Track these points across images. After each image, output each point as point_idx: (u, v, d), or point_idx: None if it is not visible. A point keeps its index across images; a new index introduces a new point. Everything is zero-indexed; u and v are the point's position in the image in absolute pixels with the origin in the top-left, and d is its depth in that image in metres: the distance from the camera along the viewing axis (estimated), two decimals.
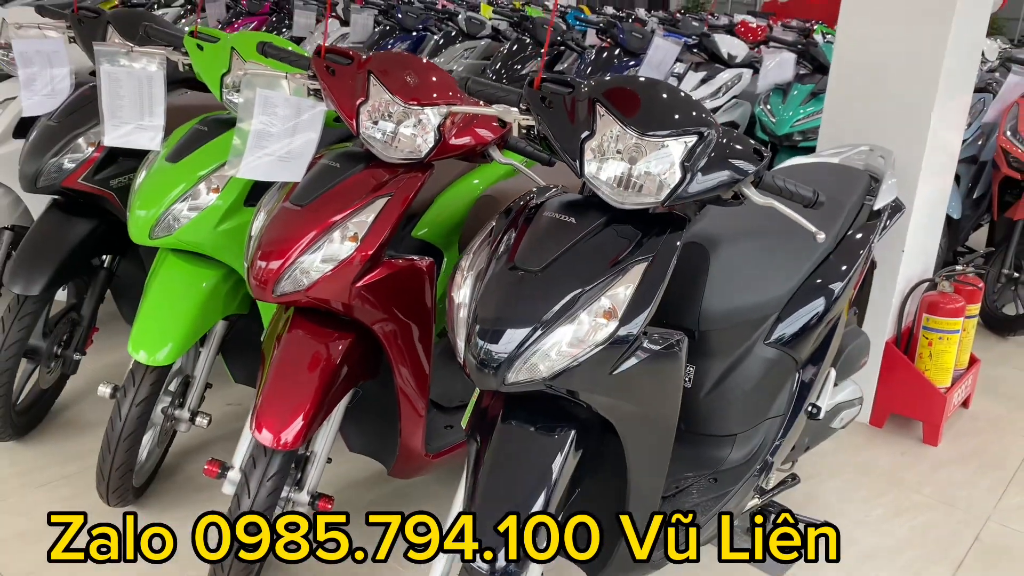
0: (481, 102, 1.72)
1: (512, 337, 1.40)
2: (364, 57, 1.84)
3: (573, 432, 1.47)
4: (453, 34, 5.69)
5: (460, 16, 5.76)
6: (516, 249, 1.47)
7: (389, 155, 1.80)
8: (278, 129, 1.89)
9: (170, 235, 2.05)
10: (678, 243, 1.45)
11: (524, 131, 1.60)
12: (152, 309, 2.04)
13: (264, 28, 6.70)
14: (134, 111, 2.19)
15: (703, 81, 4.47)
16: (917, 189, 2.64)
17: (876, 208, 2.18)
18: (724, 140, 1.48)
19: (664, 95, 1.48)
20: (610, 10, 11.40)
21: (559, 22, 7.05)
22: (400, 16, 5.90)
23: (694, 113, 1.45)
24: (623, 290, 1.39)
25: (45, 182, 2.34)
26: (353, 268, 1.72)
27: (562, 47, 5.26)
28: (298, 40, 6.39)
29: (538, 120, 1.52)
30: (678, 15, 9.81)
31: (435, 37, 5.74)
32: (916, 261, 2.83)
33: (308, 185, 1.81)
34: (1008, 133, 3.70)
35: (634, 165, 1.44)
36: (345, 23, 6.34)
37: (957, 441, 2.81)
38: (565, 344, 1.39)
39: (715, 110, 4.40)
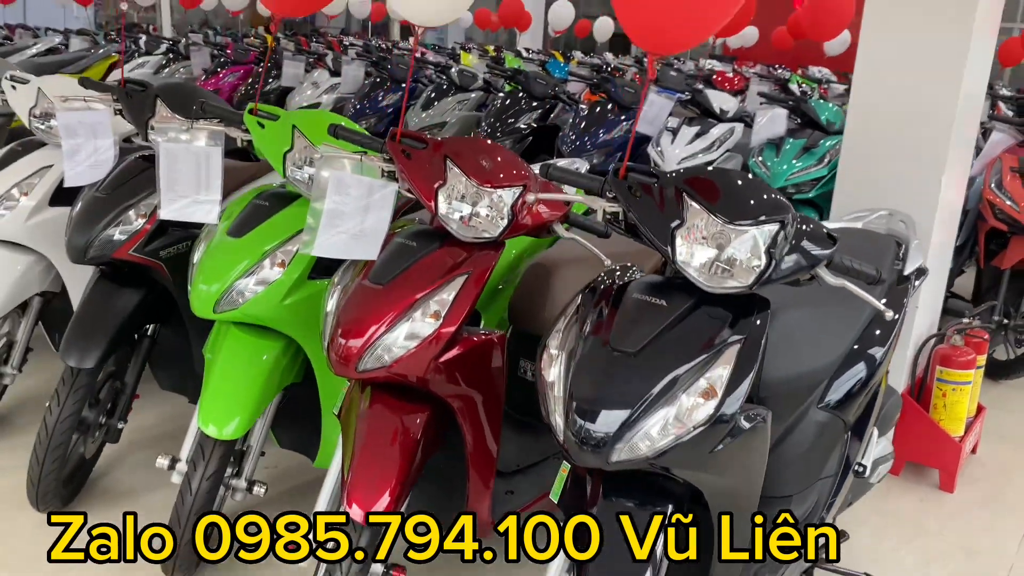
0: (555, 185, 1.81)
1: (613, 417, 1.47)
2: (438, 140, 1.93)
3: (670, 507, 1.55)
4: (445, 87, 5.80)
5: (452, 69, 5.88)
6: (609, 330, 1.56)
7: (464, 234, 1.87)
8: (351, 208, 1.96)
9: (235, 309, 2.09)
10: (766, 322, 1.55)
11: (609, 217, 1.69)
12: (219, 383, 2.07)
13: (250, 78, 6.75)
14: (191, 186, 2.24)
15: (697, 135, 4.62)
16: (929, 247, 2.79)
17: (906, 273, 2.31)
18: (800, 226, 1.58)
19: (742, 183, 1.59)
20: (578, 53, 11.67)
21: (550, 74, 7.20)
22: (391, 68, 6.00)
23: (774, 201, 1.56)
24: (720, 371, 1.48)
25: (95, 253, 2.36)
26: (436, 345, 1.78)
27: (555, 100, 5.39)
28: (287, 90, 6.46)
29: (627, 209, 1.61)
30: (645, 61, 10.10)
31: (427, 89, 5.85)
32: (926, 315, 2.98)
33: (386, 264, 1.88)
34: (993, 186, 3.90)
35: (722, 251, 1.53)
36: (335, 74, 6.42)
37: (971, 487, 2.94)
38: (666, 425, 1.47)
39: (709, 163, 4.55)
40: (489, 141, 1.97)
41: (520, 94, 5.41)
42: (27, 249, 2.73)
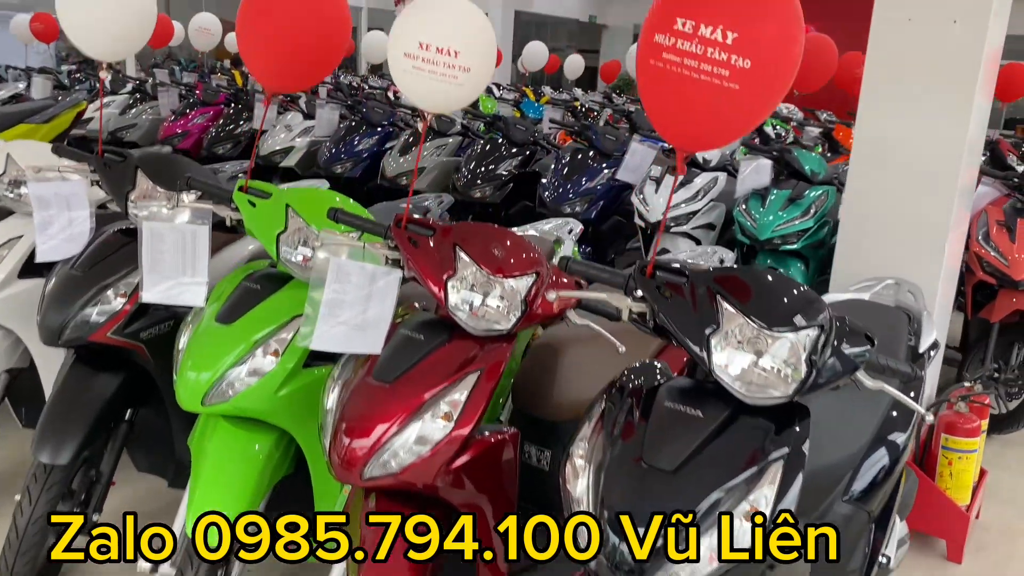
0: (577, 280, 1.72)
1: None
2: (445, 226, 1.83)
3: None
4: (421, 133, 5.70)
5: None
6: (641, 442, 1.46)
7: (475, 327, 1.77)
8: (352, 297, 1.84)
9: (226, 402, 1.96)
10: (808, 432, 1.46)
11: (635, 317, 1.60)
12: (209, 482, 1.93)
13: (220, 119, 6.61)
14: (176, 266, 2.11)
15: (681, 185, 4.57)
16: (933, 313, 2.74)
17: (920, 351, 2.25)
18: (837, 326, 1.50)
19: (775, 281, 1.51)
20: (547, 88, 11.68)
21: (530, 118, 7.12)
22: (366, 111, 5.90)
23: (809, 300, 1.48)
24: (766, 491, 1.39)
25: (71, 335, 2.22)
26: (449, 449, 1.67)
27: (535, 146, 5.33)
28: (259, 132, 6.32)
29: (655, 311, 1.52)
30: (613, 96, 10.10)
31: (404, 135, 5.75)
32: (927, 378, 2.92)
33: (391, 359, 1.76)
34: (980, 239, 3.89)
35: (760, 358, 1.45)
36: (308, 116, 6.30)
37: (978, 556, 2.87)
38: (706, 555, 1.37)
39: (694, 213, 4.50)
40: (497, 226, 1.87)
41: (500, 140, 5.35)
42: None
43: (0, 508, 2.17)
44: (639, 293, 1.56)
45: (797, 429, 1.46)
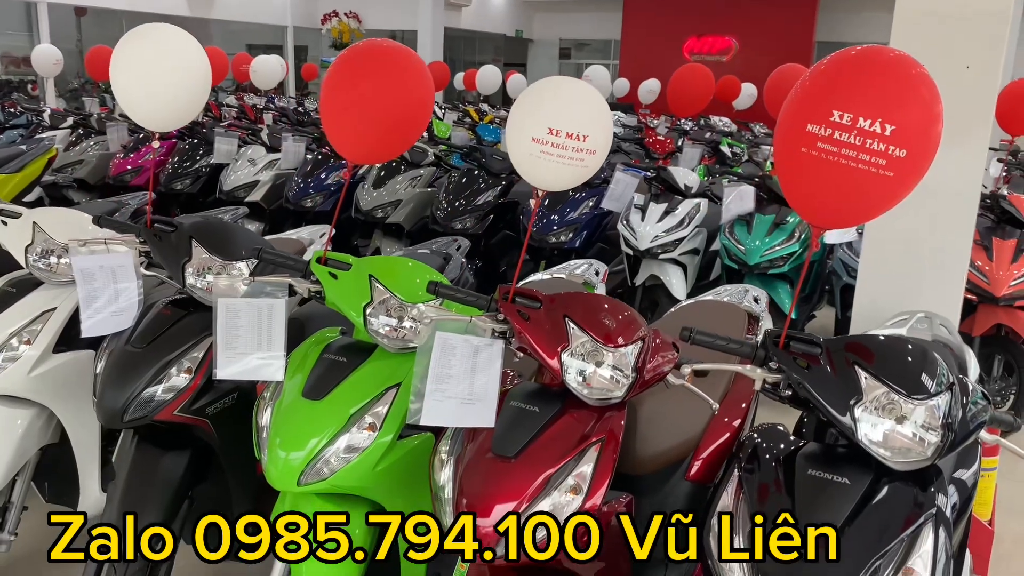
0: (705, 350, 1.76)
1: None
2: (551, 297, 1.84)
3: None
4: (394, 163, 5.67)
5: None
6: (792, 513, 1.50)
7: (588, 395, 1.79)
8: (457, 371, 1.84)
9: (322, 480, 1.92)
10: (947, 490, 1.54)
11: (769, 387, 1.65)
12: (312, 565, 1.89)
13: (176, 154, 6.43)
14: (252, 343, 2.06)
15: (666, 212, 4.68)
16: None
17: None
18: (961, 384, 1.59)
19: (899, 347, 1.58)
20: (485, 106, 11.72)
21: (481, 138, 7.14)
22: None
23: (936, 366, 1.56)
24: (925, 557, 1.45)
25: (135, 414, 2.14)
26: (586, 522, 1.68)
27: (512, 175, 5.36)
28: (220, 167, 6.17)
29: (799, 382, 1.57)
30: None
31: (375, 168, 5.70)
32: None
33: (508, 432, 1.76)
34: None
35: (900, 425, 1.52)
36: (271, 149, 6.18)
37: (998, 568, 3.03)
38: None
39: (681, 240, 4.60)
40: (599, 294, 1.90)
41: (476, 171, 5.36)
42: (27, 401, 2.45)
43: None
44: (774, 364, 1.61)
45: (937, 487, 1.53)
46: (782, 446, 1.65)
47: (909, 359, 1.56)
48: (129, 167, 6.34)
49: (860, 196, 1.46)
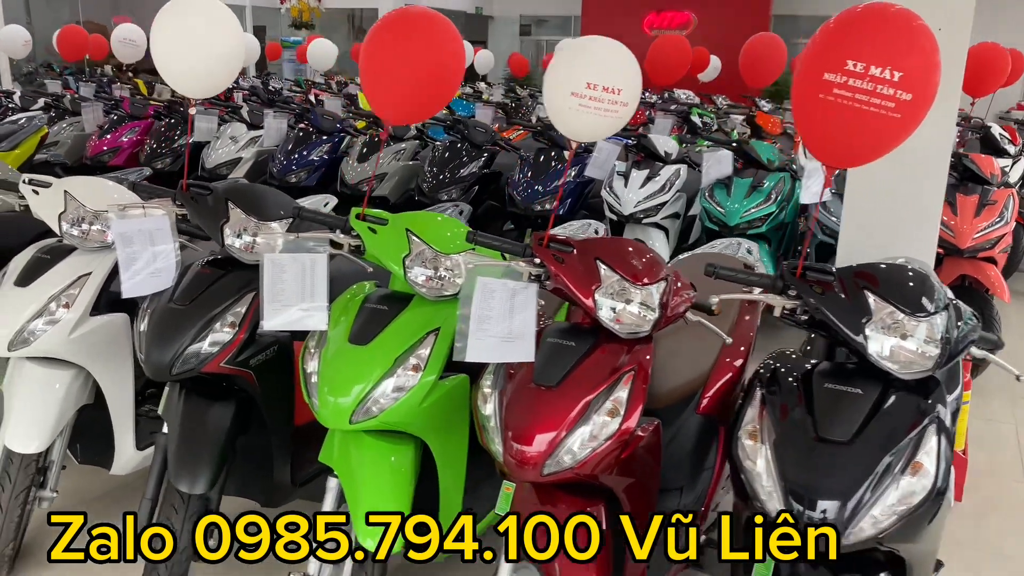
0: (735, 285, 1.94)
1: (832, 506, 1.61)
2: (582, 242, 2.01)
3: None
4: (377, 138, 5.77)
5: None
6: (814, 420, 1.70)
7: (620, 330, 1.96)
8: (496, 312, 2.00)
9: (373, 418, 2.07)
10: (946, 401, 1.74)
11: (787, 312, 1.83)
12: (363, 496, 2.04)
13: (153, 133, 6.44)
14: (296, 294, 2.19)
15: (648, 178, 4.86)
16: None
17: None
18: (955, 307, 1.79)
19: (899, 274, 1.78)
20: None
21: (454, 112, 7.26)
22: (315, 118, 5.91)
23: (935, 289, 1.76)
24: (930, 454, 1.65)
25: (183, 368, 2.26)
26: (620, 442, 1.86)
27: (494, 147, 5.49)
28: (201, 145, 6.21)
29: (816, 307, 1.76)
30: (517, 89, 10.33)
31: (359, 142, 5.79)
32: None
33: (548, 365, 1.93)
34: None
35: (904, 340, 1.71)
36: (252, 126, 6.24)
37: (971, 495, 3.29)
38: (882, 510, 1.62)
39: (663, 204, 4.79)
40: (623, 238, 2.07)
41: (458, 143, 5.48)
42: (65, 363, 2.56)
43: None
44: (793, 292, 1.80)
45: (937, 395, 1.73)
46: (798, 367, 1.84)
47: (911, 284, 1.76)
48: (106, 148, 6.34)
49: (871, 136, 1.65)
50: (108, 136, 6.41)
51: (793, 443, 1.69)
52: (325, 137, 5.87)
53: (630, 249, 2.02)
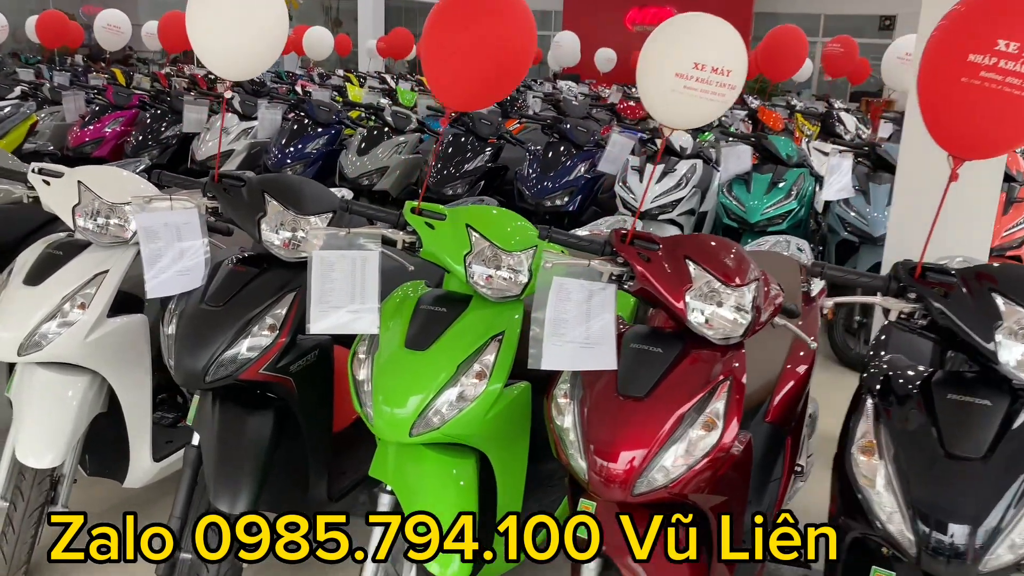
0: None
1: (964, 530, 1.47)
2: (670, 239, 1.85)
3: None
4: (377, 131, 5.57)
5: (386, 111, 5.67)
6: (938, 434, 1.55)
7: (712, 335, 1.80)
8: (573, 315, 1.83)
9: (435, 430, 1.90)
10: None
11: (904, 317, 1.68)
12: (431, 498, 1.87)
13: (139, 124, 6.19)
14: (345, 295, 2.01)
15: (664, 174, 4.72)
16: None
17: None
18: None
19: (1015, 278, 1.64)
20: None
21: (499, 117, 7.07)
22: (311, 110, 5.70)
23: None
24: None
25: (218, 375, 2.06)
26: (716, 458, 1.70)
27: (500, 140, 5.33)
28: (190, 136, 5.97)
29: (939, 311, 1.61)
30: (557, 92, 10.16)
31: (357, 135, 5.59)
32: None
33: (634, 373, 1.77)
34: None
35: None
36: (245, 117, 6.01)
37: None
38: (1021, 534, 1.48)
39: (679, 200, 4.66)
40: (711, 235, 1.91)
41: (463, 136, 5.31)
42: (80, 369, 2.34)
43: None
44: (912, 295, 1.65)
45: None
46: (912, 375, 1.70)
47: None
48: (89, 138, 6.08)
49: (1017, 124, 1.51)
50: (91, 127, 6.15)
51: (918, 460, 1.54)
52: (321, 129, 5.66)
53: (715, 245, 1.87)
